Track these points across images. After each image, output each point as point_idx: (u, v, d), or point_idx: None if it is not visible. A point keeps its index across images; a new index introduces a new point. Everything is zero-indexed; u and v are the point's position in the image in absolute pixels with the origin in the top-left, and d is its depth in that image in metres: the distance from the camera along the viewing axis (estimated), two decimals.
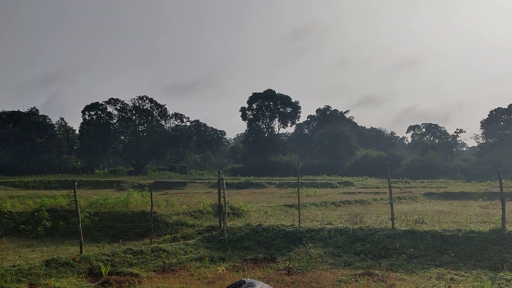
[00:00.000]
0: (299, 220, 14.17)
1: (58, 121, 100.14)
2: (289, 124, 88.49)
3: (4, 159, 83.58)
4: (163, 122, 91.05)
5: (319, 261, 10.62)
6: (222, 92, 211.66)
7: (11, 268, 8.94)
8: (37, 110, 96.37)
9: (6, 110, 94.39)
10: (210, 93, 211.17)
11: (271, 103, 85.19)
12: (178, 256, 11.25)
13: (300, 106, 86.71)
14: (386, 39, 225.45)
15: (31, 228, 14.91)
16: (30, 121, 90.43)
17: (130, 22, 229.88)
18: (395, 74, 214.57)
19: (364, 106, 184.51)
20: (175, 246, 11.95)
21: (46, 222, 14.81)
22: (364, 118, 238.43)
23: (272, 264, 10.67)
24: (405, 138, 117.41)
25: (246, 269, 10.15)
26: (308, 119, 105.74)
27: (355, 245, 11.57)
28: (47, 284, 8.51)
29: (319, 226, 13.13)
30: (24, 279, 8.67)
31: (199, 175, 69.16)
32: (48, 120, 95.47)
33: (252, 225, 13.50)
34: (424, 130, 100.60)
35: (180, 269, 10.35)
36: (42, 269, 9.23)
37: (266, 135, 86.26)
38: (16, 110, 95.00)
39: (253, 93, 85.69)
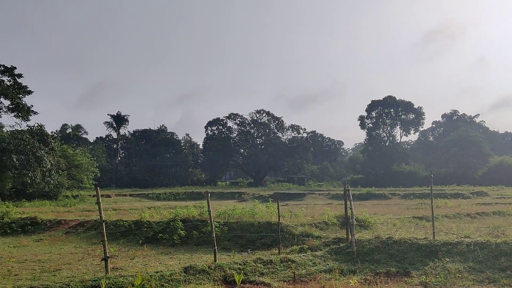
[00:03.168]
0: (434, 232, 13.32)
1: (184, 137, 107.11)
2: (412, 132, 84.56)
3: (139, 173, 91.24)
4: (280, 134, 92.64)
5: (458, 276, 9.85)
6: (342, 103, 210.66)
7: (155, 274, 9.59)
8: (165, 127, 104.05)
9: (139, 129, 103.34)
10: (330, 104, 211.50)
11: (391, 110, 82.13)
12: (307, 267, 11.20)
13: (423, 112, 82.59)
14: None
15: (168, 237, 15.97)
16: (160, 138, 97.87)
17: (257, 42, 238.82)
18: None
19: (499, 109, 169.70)
20: (303, 257, 11.93)
21: (181, 231, 15.78)
22: (496, 123, 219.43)
23: (406, 279, 10.13)
24: None
25: (378, 283, 9.76)
26: (433, 125, 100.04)
27: (499, 260, 10.54)
28: None
29: (455, 239, 12.21)
30: (167, 284, 9.24)
31: (317, 186, 68.87)
32: (175, 137, 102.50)
33: (381, 237, 13.00)
34: None
35: (310, 280, 10.29)
36: (181, 275, 9.77)
37: (387, 144, 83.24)
38: (148, 128, 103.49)
39: (371, 101, 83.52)
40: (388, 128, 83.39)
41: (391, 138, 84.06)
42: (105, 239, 10.07)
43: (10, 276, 10.28)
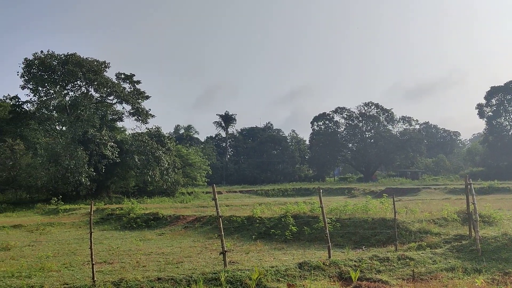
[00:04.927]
0: None
1: (290, 133, 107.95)
2: None
3: (247, 171, 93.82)
4: (390, 127, 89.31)
5: None
6: (461, 91, 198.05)
7: (270, 268, 9.74)
8: (271, 124, 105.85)
9: (246, 127, 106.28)
10: (448, 93, 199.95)
11: None
12: (426, 265, 10.65)
13: None
14: None
15: (280, 232, 16.16)
16: (266, 135, 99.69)
17: (371, 33, 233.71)
18: None
19: None
20: (422, 254, 11.36)
21: (292, 227, 15.87)
22: None
23: None
24: None
25: (508, 283, 8.97)
26: None
27: None
28: (303, 285, 8.99)
29: None
30: (282, 279, 9.34)
31: (432, 181, 65.26)
32: (281, 133, 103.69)
33: (510, 234, 11.94)
34: None
35: (430, 278, 9.76)
36: (296, 271, 9.81)
37: (510, 133, 76.30)
38: (254, 126, 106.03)
39: (491, 87, 76.97)
40: (511, 116, 76.34)
41: None
42: (223, 234, 10.46)
43: (139, 267, 11.12)
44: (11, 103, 50.49)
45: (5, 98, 52.65)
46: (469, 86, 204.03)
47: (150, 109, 54.99)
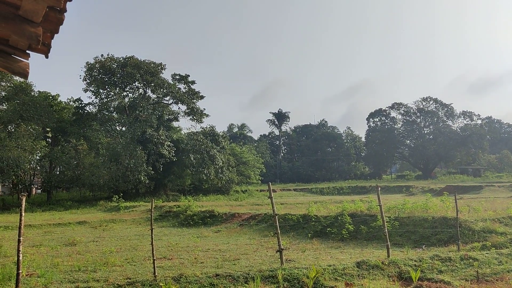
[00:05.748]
0: None
1: (345, 130, 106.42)
2: None
3: (301, 169, 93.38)
4: (450, 123, 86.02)
5: None
6: None
7: (328, 267, 9.64)
8: (325, 122, 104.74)
9: (299, 125, 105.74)
10: None
11: None
12: (491, 266, 10.18)
13: None
14: None
15: (336, 231, 15.99)
16: (321, 133, 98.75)
17: (430, 27, 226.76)
18: None
19: None
20: (486, 254, 10.87)
21: (349, 226, 15.66)
22: None
23: None
24: None
25: None
26: None
27: None
28: (362, 285, 8.84)
29: None
30: (340, 278, 9.22)
31: (496, 178, 62.20)
32: (336, 131, 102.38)
33: None
34: None
35: (496, 280, 9.32)
36: (354, 270, 9.66)
37: None
38: (308, 123, 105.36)
39: None
40: None
41: None
42: (279, 231, 10.47)
43: (197, 263, 11.35)
44: (75, 106, 52.96)
45: (69, 100, 55.36)
46: None
47: (204, 109, 56.07)
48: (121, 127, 53.00)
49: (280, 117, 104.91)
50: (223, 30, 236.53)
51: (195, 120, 56.17)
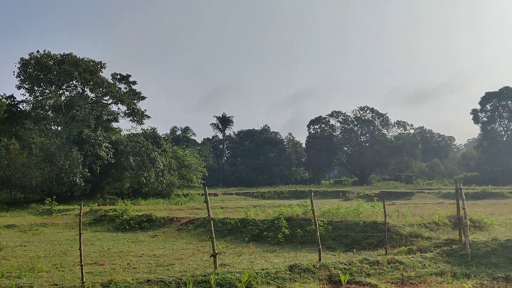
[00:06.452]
0: None
1: (287, 136, 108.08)
2: None
3: (244, 173, 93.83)
4: (385, 131, 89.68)
5: None
6: (463, 97, 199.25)
7: (261, 271, 9.78)
8: (268, 127, 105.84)
9: (243, 129, 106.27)
10: (447, 99, 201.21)
11: (509, 102, 75.52)
12: (416, 269, 10.71)
13: None
14: None
15: (273, 235, 16.20)
16: (263, 138, 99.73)
17: (378, 39, 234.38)
18: None
19: None
20: (412, 258, 11.42)
21: (285, 230, 15.92)
22: None
23: None
24: None
25: None
26: None
27: None
28: None
29: None
30: (273, 282, 9.38)
31: (426, 185, 65.47)
32: (279, 136, 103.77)
33: (499, 239, 12.01)
34: None
35: (419, 282, 9.82)
36: (286, 274, 9.85)
37: (504, 139, 76.73)
38: (252, 128, 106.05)
39: (486, 93, 77.35)
40: (506, 122, 76.73)
41: (509, 132, 77.26)
42: (214, 236, 10.49)
43: (129, 269, 11.13)
44: (7, 103, 50.34)
45: (0, 97, 52.52)
46: (473, 92, 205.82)
47: (146, 110, 54.79)
48: (56, 127, 50.96)
49: (224, 121, 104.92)
50: (170, 31, 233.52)
51: (136, 122, 54.86)
